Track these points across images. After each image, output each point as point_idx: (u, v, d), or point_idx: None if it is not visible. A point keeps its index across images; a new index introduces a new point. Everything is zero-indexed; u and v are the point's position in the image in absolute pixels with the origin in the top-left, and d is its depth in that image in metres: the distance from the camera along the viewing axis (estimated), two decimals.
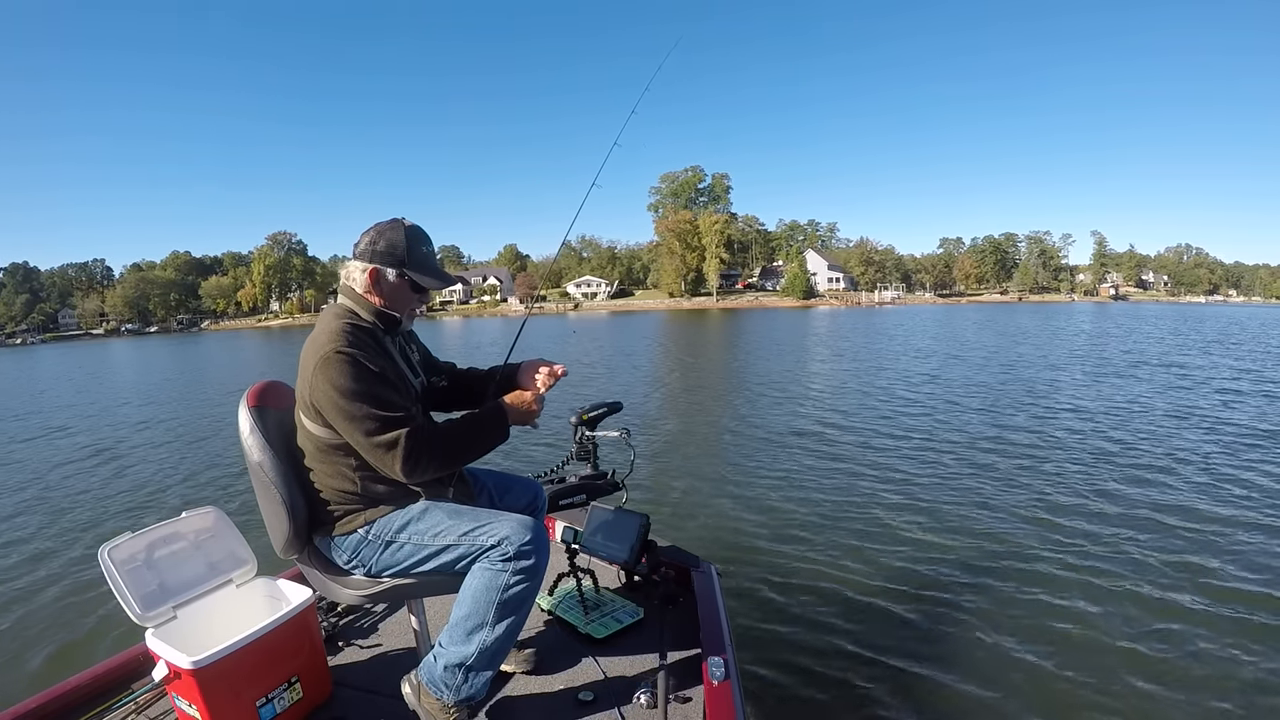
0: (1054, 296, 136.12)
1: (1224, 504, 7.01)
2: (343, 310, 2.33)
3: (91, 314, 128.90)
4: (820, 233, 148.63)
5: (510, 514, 2.30)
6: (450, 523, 2.26)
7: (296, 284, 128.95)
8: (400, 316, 2.40)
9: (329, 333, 2.20)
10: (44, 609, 5.66)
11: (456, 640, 2.22)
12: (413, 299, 2.42)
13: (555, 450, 9.73)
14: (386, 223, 2.37)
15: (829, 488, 7.93)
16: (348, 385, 2.11)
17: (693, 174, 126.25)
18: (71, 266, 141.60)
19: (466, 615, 2.20)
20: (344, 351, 2.13)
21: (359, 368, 2.13)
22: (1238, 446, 9.49)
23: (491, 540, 2.19)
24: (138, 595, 2.34)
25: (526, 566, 2.19)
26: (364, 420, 2.12)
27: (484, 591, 2.18)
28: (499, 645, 2.22)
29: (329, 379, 2.13)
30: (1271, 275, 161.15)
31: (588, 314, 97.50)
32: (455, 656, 2.22)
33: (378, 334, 2.32)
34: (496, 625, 2.19)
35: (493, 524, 2.22)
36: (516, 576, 2.18)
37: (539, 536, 2.23)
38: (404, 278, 2.36)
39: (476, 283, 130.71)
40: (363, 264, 2.32)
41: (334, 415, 2.16)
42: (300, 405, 2.29)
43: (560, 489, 3.22)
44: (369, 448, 2.14)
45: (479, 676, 2.24)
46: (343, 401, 2.12)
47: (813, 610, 4.98)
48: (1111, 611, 4.84)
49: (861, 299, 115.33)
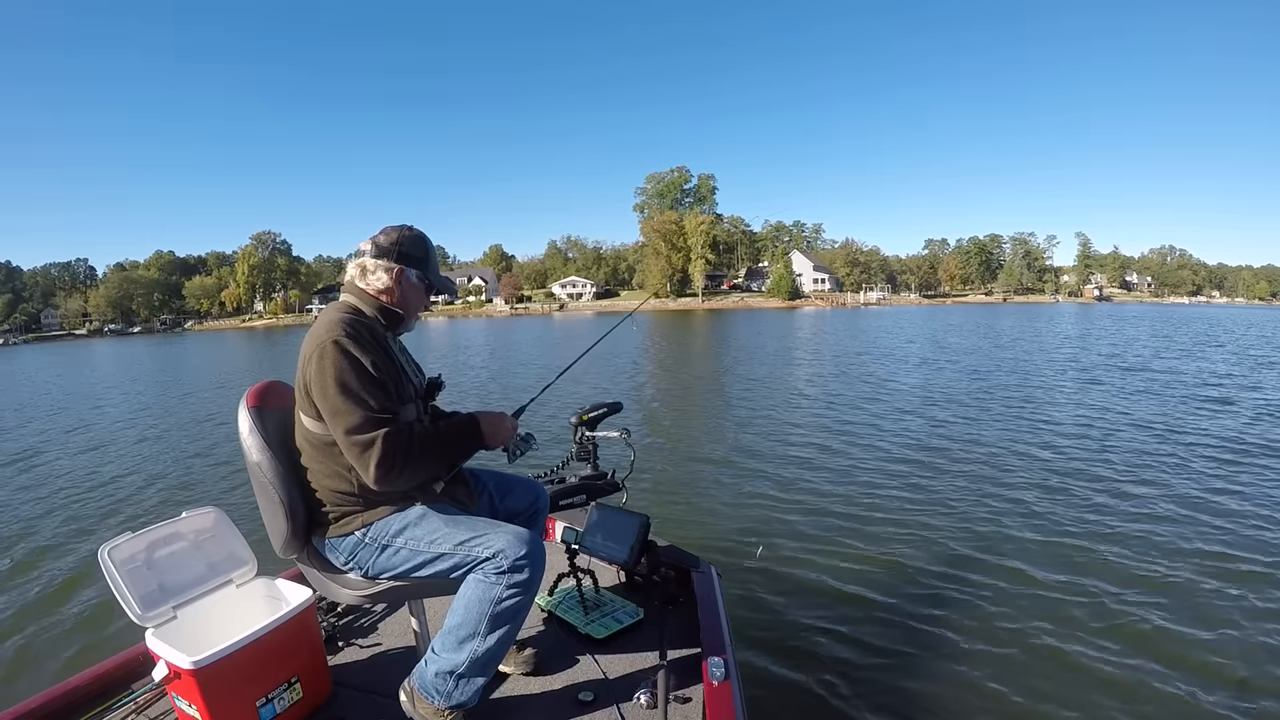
0: (1038, 298, 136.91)
1: (1227, 501, 7.09)
2: (346, 305, 2.34)
3: (74, 314, 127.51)
4: (806, 234, 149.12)
5: (507, 525, 2.28)
6: (446, 531, 2.25)
7: (281, 284, 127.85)
8: (407, 316, 2.43)
9: (328, 324, 2.21)
10: (44, 609, 5.62)
11: (448, 648, 2.22)
12: (424, 303, 2.47)
13: (555, 450, 9.71)
14: (405, 226, 2.41)
15: (829, 488, 7.95)
16: (338, 377, 2.12)
17: (679, 174, 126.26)
18: (54, 266, 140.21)
19: (459, 624, 2.20)
20: (339, 342, 2.14)
21: (352, 360, 2.14)
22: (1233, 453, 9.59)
23: (486, 552, 2.18)
24: (138, 595, 2.33)
25: (521, 580, 2.17)
26: (347, 414, 2.12)
27: (476, 603, 2.18)
28: (490, 655, 2.21)
29: (322, 368, 2.14)
30: (1254, 276, 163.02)
31: (573, 314, 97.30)
32: (446, 664, 2.22)
33: (379, 330, 2.33)
34: (488, 636, 2.18)
35: (488, 535, 2.21)
36: (510, 590, 2.17)
37: (535, 550, 2.22)
38: (424, 281, 2.41)
39: (462, 283, 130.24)
40: (387, 262, 2.33)
41: (322, 406, 2.17)
42: (299, 400, 2.29)
43: (560, 489, 3.22)
44: (347, 445, 2.14)
45: (470, 684, 2.24)
46: (331, 392, 2.12)
47: (813, 610, 4.98)
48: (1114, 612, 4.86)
49: (847, 300, 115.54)
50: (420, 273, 2.39)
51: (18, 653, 4.95)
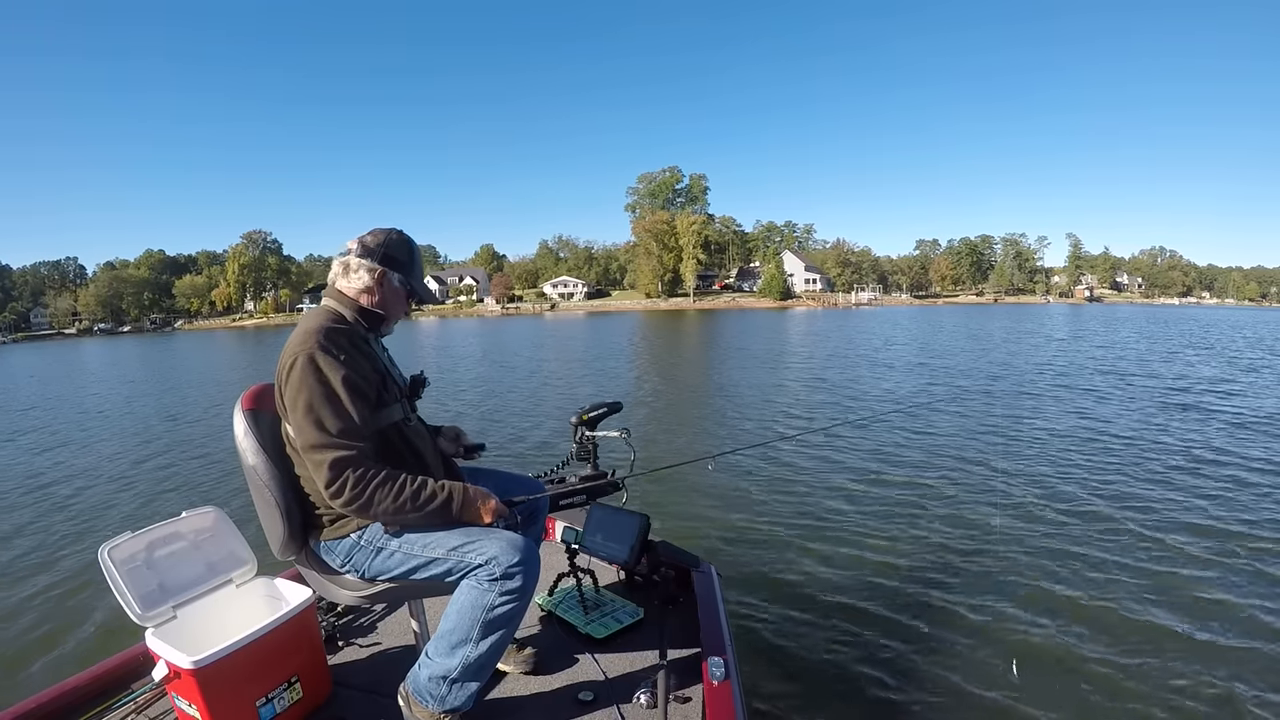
0: (1029, 298, 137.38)
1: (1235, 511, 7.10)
2: (326, 311, 2.33)
3: (64, 313, 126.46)
4: (797, 234, 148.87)
5: (501, 531, 2.26)
6: (440, 535, 2.23)
7: (271, 283, 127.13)
8: (387, 319, 2.43)
9: (304, 333, 2.19)
10: (44, 609, 5.60)
11: (441, 653, 2.21)
12: (404, 308, 2.46)
13: (555, 450, 9.73)
14: (393, 230, 2.40)
15: (829, 488, 7.96)
16: (306, 395, 2.11)
17: (670, 174, 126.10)
18: (44, 265, 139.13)
19: (451, 630, 2.19)
20: (314, 357, 2.13)
21: (320, 378, 2.12)
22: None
23: (479, 559, 2.17)
24: (138, 595, 2.33)
25: (513, 588, 2.16)
26: (306, 431, 2.11)
27: (469, 609, 2.16)
28: (483, 661, 2.20)
29: (292, 382, 2.14)
30: (1244, 278, 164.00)
31: (564, 314, 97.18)
32: (439, 669, 2.21)
33: (360, 333, 2.32)
34: (480, 642, 2.17)
35: (481, 541, 2.19)
36: (503, 597, 2.15)
37: (529, 556, 2.20)
38: (406, 287, 2.41)
39: (453, 282, 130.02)
40: (370, 263, 2.32)
41: (290, 418, 2.17)
42: (279, 408, 2.27)
43: (560, 489, 3.21)
44: (308, 460, 2.13)
45: (464, 689, 2.23)
46: (299, 407, 2.11)
47: (813, 610, 4.99)
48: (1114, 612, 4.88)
49: (838, 300, 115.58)
50: (403, 278, 2.38)
51: (18, 653, 4.94)
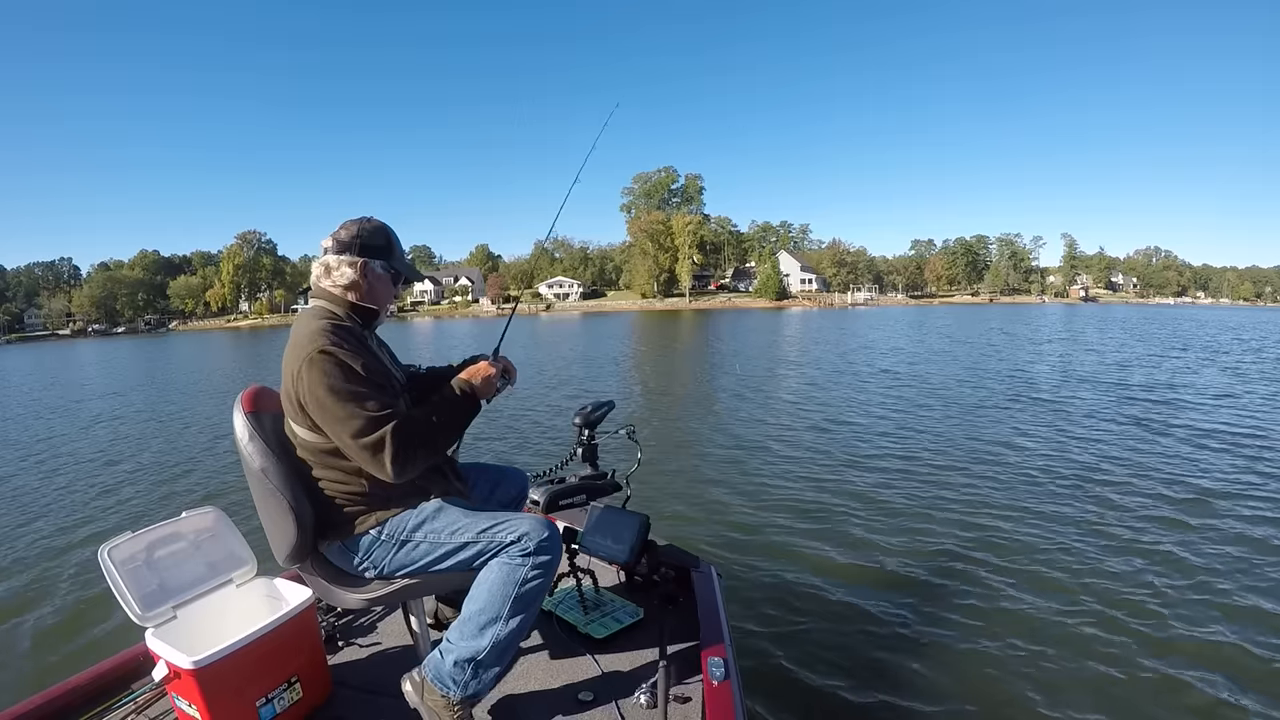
0: (1024, 298, 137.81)
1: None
2: (320, 311, 2.32)
3: (58, 314, 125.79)
4: (793, 234, 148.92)
5: (525, 514, 2.35)
6: (467, 520, 2.28)
7: (266, 284, 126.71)
8: (379, 310, 2.43)
9: (310, 333, 2.19)
10: (44, 609, 5.58)
11: (469, 635, 2.22)
12: (393, 292, 2.46)
13: (555, 450, 9.74)
14: (364, 218, 2.39)
15: (829, 488, 7.94)
16: (333, 385, 2.11)
17: (666, 175, 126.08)
18: (38, 265, 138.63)
19: (481, 609, 2.21)
20: (327, 350, 2.13)
21: (343, 367, 2.13)
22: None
23: (511, 536, 2.22)
24: (138, 595, 2.32)
25: (544, 562, 2.23)
26: (349, 420, 2.11)
27: (500, 585, 2.20)
28: (510, 640, 2.23)
29: (314, 380, 2.12)
30: (1238, 277, 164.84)
31: (560, 315, 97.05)
32: (466, 651, 2.22)
33: (358, 331, 2.32)
34: (510, 620, 2.20)
35: (511, 521, 2.26)
36: (534, 571, 2.21)
37: (555, 535, 2.28)
38: (390, 270, 2.40)
39: (448, 283, 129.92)
40: (350, 256, 2.31)
41: (321, 417, 2.16)
42: (289, 412, 2.27)
43: (560, 489, 3.20)
44: (356, 450, 2.13)
45: (488, 672, 2.25)
46: (329, 402, 2.11)
47: (813, 610, 4.98)
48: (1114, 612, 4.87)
49: (834, 300, 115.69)
50: (384, 262, 2.37)
51: (18, 653, 4.93)
